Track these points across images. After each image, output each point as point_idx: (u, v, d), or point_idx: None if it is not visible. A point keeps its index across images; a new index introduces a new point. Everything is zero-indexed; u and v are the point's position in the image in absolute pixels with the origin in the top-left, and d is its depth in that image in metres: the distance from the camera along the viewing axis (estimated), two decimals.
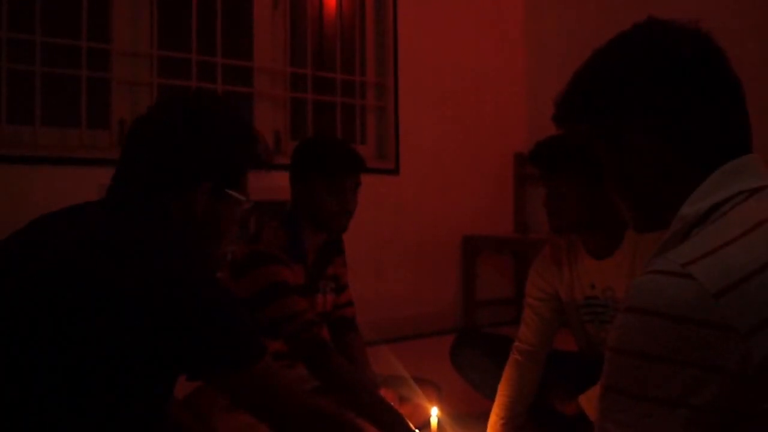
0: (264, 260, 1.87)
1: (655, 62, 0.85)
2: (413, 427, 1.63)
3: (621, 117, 0.87)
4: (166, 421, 1.39)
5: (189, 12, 3.26)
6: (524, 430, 1.91)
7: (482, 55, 4.31)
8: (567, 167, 1.74)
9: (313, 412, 1.14)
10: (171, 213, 1.12)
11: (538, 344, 1.91)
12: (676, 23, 0.87)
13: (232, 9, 3.47)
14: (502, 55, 4.42)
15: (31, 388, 0.95)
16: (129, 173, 1.15)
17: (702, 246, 0.74)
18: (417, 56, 3.98)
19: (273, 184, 2.37)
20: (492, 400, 1.92)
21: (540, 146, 1.81)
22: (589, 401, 1.76)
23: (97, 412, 0.98)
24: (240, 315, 1.08)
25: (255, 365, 1.06)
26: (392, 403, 1.82)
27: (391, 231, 3.85)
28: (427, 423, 1.72)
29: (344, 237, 2.17)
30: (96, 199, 1.17)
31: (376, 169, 3.80)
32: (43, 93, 2.87)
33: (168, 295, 0.98)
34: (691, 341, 0.68)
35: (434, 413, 1.69)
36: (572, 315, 1.93)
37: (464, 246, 4.17)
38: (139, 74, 3.14)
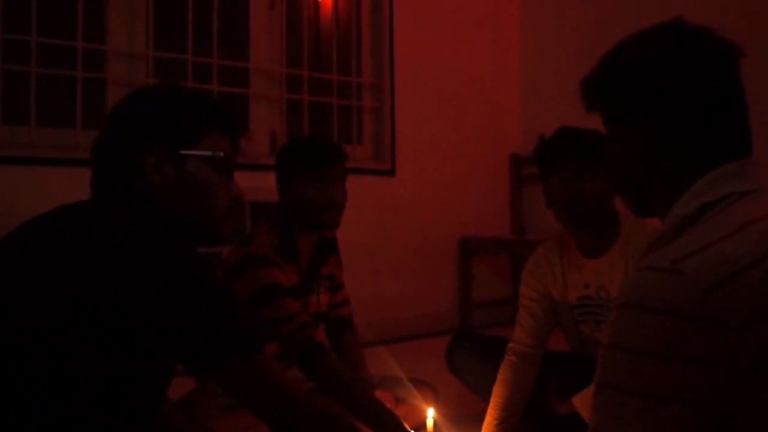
0: (256, 263, 1.87)
1: (673, 63, 0.86)
2: (409, 429, 1.63)
3: (631, 111, 0.89)
4: (162, 422, 1.39)
5: (185, 13, 3.26)
6: (519, 430, 1.91)
7: (478, 56, 4.32)
8: (585, 155, 1.72)
9: (311, 408, 1.12)
10: (134, 194, 1.12)
11: (532, 345, 1.91)
12: (702, 28, 0.88)
13: (228, 10, 3.46)
14: (499, 57, 4.42)
15: (25, 388, 0.95)
16: (96, 167, 1.19)
17: (693, 243, 0.74)
18: (413, 57, 3.98)
19: (269, 185, 2.36)
20: (487, 401, 1.92)
21: (562, 134, 1.79)
22: (583, 402, 1.76)
23: (92, 411, 0.97)
24: (237, 307, 1.06)
25: (253, 357, 1.05)
26: (388, 405, 1.82)
27: (387, 232, 3.85)
28: (423, 424, 1.72)
29: (340, 237, 2.17)
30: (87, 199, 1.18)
31: (373, 171, 3.80)
32: (39, 93, 2.86)
33: (160, 287, 0.97)
34: (682, 336, 0.68)
35: (430, 414, 1.69)
36: (565, 315, 1.93)
37: (461, 247, 4.17)
38: (134, 75, 3.14)
